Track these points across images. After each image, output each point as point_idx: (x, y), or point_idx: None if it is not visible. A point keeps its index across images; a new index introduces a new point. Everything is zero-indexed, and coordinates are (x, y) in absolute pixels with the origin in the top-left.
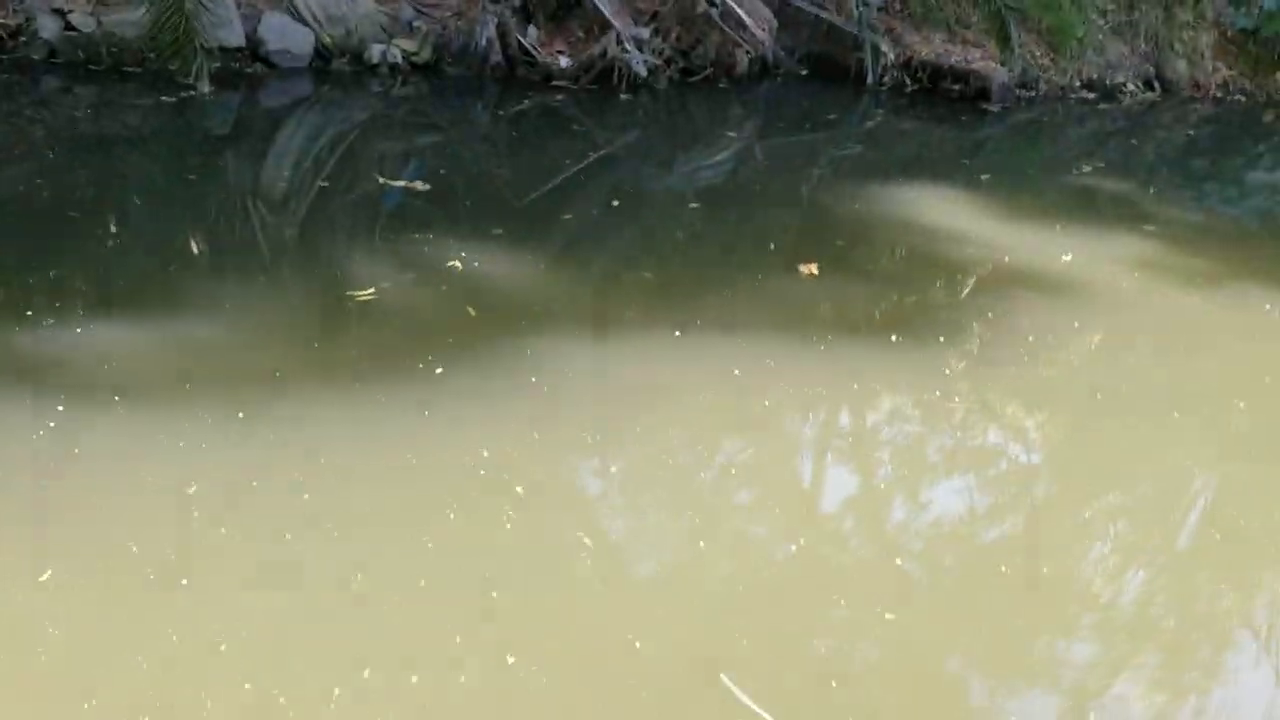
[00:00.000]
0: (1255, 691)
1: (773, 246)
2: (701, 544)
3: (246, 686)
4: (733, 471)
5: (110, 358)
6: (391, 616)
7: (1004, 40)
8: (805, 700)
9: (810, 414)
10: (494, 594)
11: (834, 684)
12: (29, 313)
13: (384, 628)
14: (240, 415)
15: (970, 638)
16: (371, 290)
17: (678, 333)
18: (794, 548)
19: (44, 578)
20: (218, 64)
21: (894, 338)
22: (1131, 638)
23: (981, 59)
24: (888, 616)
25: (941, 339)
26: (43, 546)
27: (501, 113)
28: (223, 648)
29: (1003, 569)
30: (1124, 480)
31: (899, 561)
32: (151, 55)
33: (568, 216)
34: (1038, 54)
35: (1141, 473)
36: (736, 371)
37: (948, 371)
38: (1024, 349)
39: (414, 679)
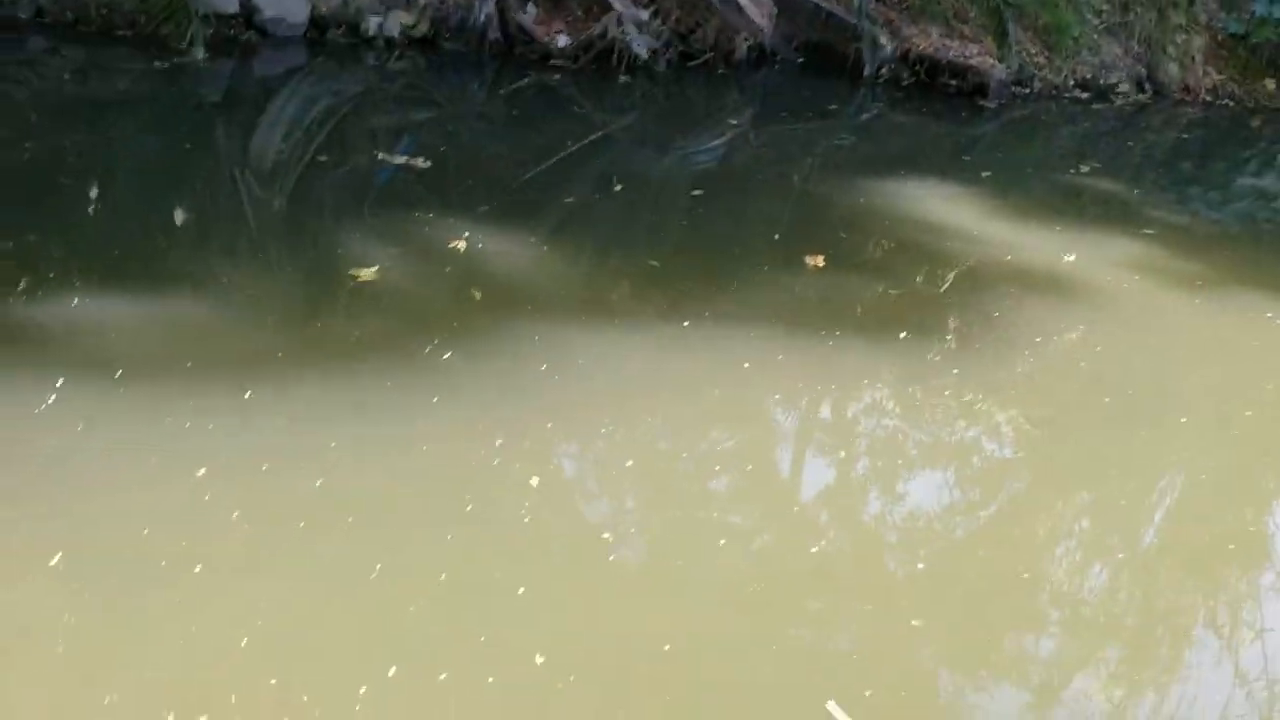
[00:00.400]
0: None
1: (777, 236)
2: (721, 541)
3: (272, 682)
4: (749, 468)
5: (109, 332)
6: (415, 612)
7: (1001, 37)
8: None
9: (822, 411)
10: (519, 590)
11: (868, 693)
12: (22, 282)
13: (408, 624)
14: (246, 396)
15: (992, 644)
16: (373, 269)
17: (686, 323)
18: (814, 549)
19: (53, 562)
20: (211, 30)
21: (903, 334)
22: (1149, 639)
23: (979, 55)
24: (914, 623)
25: (949, 338)
26: (51, 529)
27: (499, 90)
28: (243, 642)
29: (1025, 575)
30: (1138, 486)
31: (921, 566)
32: (143, 18)
33: (569, 199)
34: (1033, 52)
35: (1155, 477)
36: (747, 365)
37: (957, 371)
38: (1031, 350)
39: (442, 677)
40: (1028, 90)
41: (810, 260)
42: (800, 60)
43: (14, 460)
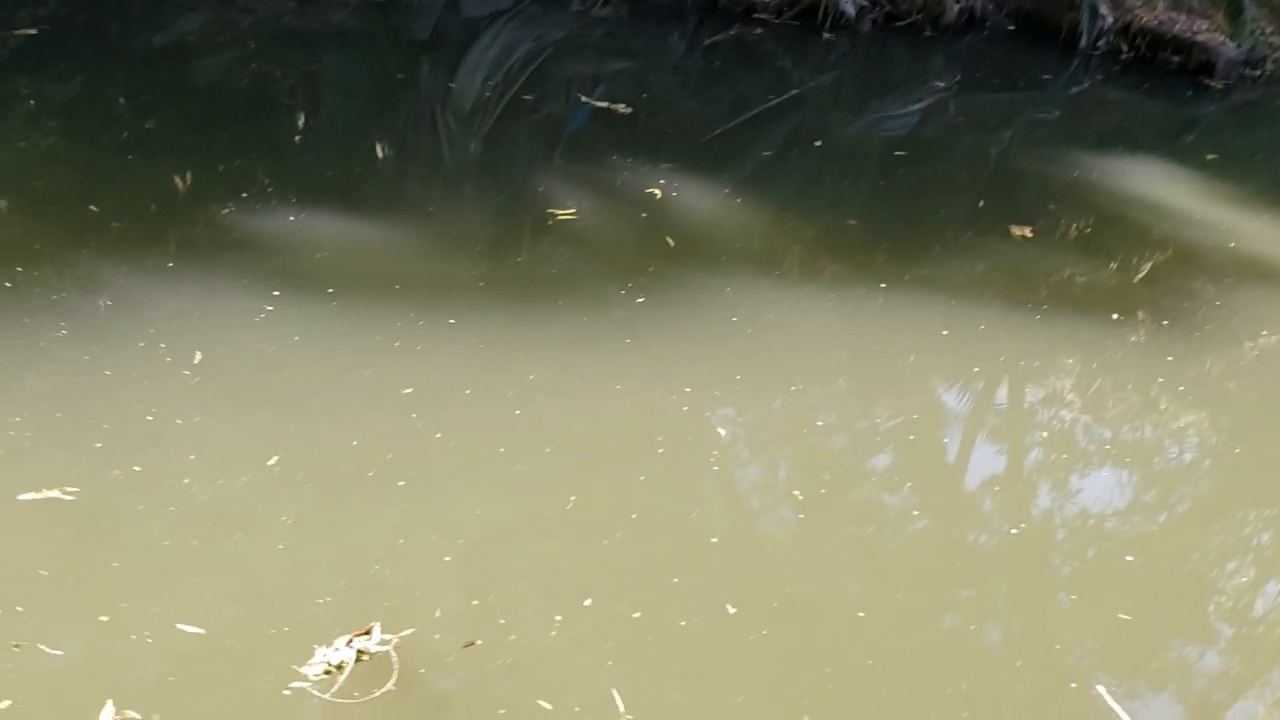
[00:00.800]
0: None
1: (981, 204)
2: (914, 512)
3: (474, 602)
4: (944, 439)
5: (320, 249)
6: (609, 547)
7: (1234, 13)
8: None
9: (1025, 387)
10: (710, 539)
11: (1073, 685)
12: (244, 195)
13: (603, 558)
14: (451, 322)
15: (1155, 650)
16: (571, 210)
17: (883, 284)
18: (1012, 531)
19: (271, 462)
20: None
21: (1114, 315)
22: None
23: (1207, 31)
24: (1122, 616)
25: (1165, 323)
26: (268, 431)
27: (701, 42)
28: (446, 558)
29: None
30: None
31: (1130, 558)
32: None
33: (766, 154)
34: (1268, 31)
35: None
36: (945, 332)
37: (1171, 358)
38: (1254, 346)
39: (636, 615)
40: (1258, 72)
41: (1016, 231)
42: (1010, 27)
43: (237, 364)
